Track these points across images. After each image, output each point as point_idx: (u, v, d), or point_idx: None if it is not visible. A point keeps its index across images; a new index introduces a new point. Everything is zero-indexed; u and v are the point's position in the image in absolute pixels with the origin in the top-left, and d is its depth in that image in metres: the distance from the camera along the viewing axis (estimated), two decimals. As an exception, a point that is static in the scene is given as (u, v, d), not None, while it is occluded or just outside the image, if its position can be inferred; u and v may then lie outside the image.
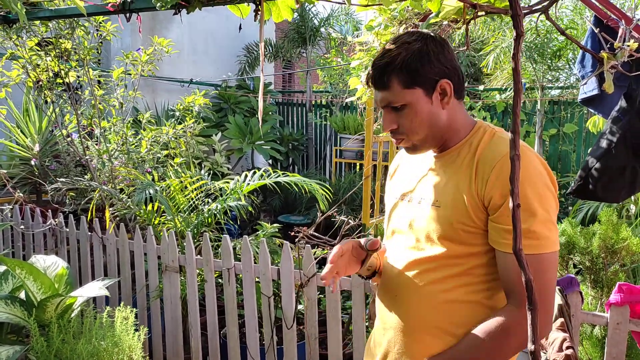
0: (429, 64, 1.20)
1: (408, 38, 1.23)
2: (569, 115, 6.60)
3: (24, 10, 2.20)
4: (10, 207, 3.87)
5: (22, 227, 3.76)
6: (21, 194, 3.84)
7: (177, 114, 4.84)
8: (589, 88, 2.16)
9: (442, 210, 1.22)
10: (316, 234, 2.96)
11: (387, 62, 1.21)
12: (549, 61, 5.91)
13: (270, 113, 8.28)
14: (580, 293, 2.03)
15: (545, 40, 5.76)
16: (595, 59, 2.12)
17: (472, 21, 1.77)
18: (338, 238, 2.97)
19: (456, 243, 1.20)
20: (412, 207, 1.31)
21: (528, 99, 6.72)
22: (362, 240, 1.39)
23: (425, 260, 1.25)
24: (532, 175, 1.12)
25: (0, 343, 2.46)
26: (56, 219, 3.63)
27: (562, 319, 1.73)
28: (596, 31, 1.75)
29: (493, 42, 6.15)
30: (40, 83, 3.95)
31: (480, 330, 1.16)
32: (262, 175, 3.58)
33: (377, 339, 1.39)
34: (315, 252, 2.94)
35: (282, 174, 3.56)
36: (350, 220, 2.95)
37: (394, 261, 1.34)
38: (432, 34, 1.26)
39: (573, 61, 6.08)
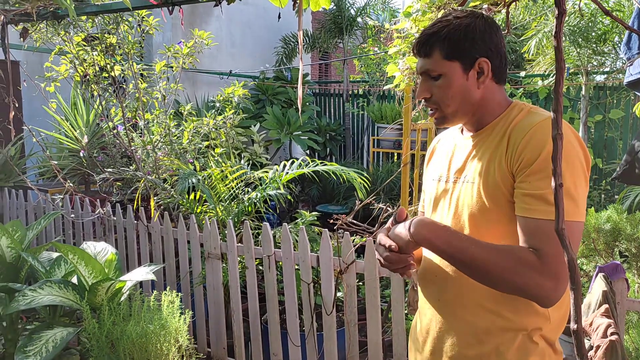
0: (472, 40, 1.23)
1: (460, 14, 1.28)
2: (615, 100, 6.36)
3: (73, 5, 2.29)
4: (61, 197, 4.04)
5: (72, 216, 3.92)
6: (71, 185, 4.00)
7: (217, 105, 4.93)
8: (635, 70, 2.09)
9: (475, 186, 1.23)
10: (355, 222, 2.99)
11: (434, 31, 1.26)
12: (594, 45, 5.70)
13: (307, 104, 8.31)
14: (626, 280, 1.99)
15: (590, 23, 5.57)
16: (642, 39, 2.05)
17: (513, 4, 1.74)
18: (377, 225, 2.98)
19: (491, 219, 1.21)
20: (448, 187, 1.33)
21: (572, 84, 6.52)
22: (390, 220, 1.37)
23: None
24: (566, 149, 1.12)
25: (55, 325, 2.59)
26: (104, 208, 3.77)
27: (606, 305, 1.70)
28: (643, 11, 1.70)
29: (535, 26, 5.98)
30: (87, 77, 4.09)
31: (507, 246, 1.15)
32: (300, 165, 3.62)
33: (420, 319, 1.41)
34: (354, 239, 2.96)
35: (321, 163, 3.59)
36: (388, 208, 2.95)
37: None
38: (485, 15, 1.28)
39: (619, 45, 5.85)
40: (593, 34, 5.57)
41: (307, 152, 8.17)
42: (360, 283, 2.92)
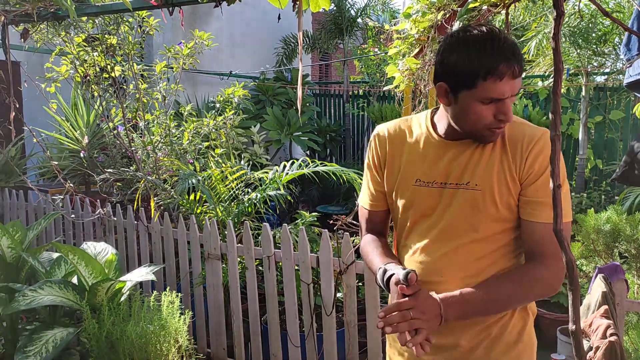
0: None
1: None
2: (615, 101, 6.36)
3: (73, 6, 2.30)
4: (62, 197, 4.04)
5: (72, 216, 3.93)
6: (71, 185, 4.00)
7: (217, 105, 4.94)
8: (634, 72, 2.09)
9: (482, 192, 1.28)
10: (355, 222, 2.99)
11: None
12: (594, 46, 5.71)
13: (307, 104, 8.32)
14: (626, 281, 1.99)
15: (590, 24, 5.57)
16: (642, 41, 2.06)
17: (513, 5, 1.75)
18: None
19: (497, 221, 1.29)
20: (443, 192, 1.31)
21: (572, 85, 6.52)
22: (394, 279, 1.25)
23: (470, 240, 1.30)
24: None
25: (55, 325, 2.59)
26: (104, 209, 3.77)
27: (606, 306, 1.71)
28: (643, 12, 1.70)
29: (535, 27, 5.99)
30: (88, 78, 4.10)
31: (509, 274, 1.29)
32: (300, 165, 3.62)
33: None
34: (353, 240, 2.96)
35: (321, 163, 3.59)
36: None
37: (433, 246, 1.34)
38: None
39: (619, 46, 5.85)
40: (593, 35, 5.57)
41: (307, 152, 8.17)
42: (360, 284, 2.92)
